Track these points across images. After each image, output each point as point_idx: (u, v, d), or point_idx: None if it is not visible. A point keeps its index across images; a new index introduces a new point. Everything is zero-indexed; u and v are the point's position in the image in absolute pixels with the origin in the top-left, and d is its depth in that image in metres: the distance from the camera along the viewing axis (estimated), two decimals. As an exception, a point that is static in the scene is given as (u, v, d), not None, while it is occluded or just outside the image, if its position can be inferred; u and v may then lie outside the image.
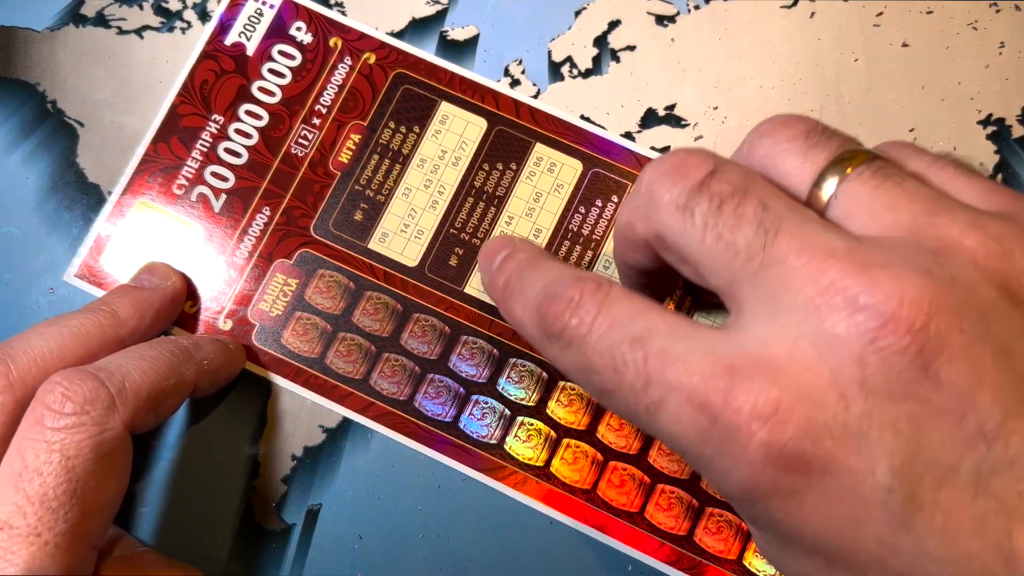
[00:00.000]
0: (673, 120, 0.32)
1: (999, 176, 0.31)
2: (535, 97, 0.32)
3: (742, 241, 0.17)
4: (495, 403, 0.30)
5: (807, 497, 0.16)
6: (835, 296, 0.16)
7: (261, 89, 0.32)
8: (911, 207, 0.17)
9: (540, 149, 0.31)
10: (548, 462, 0.29)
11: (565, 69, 0.32)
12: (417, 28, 0.32)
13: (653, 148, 0.31)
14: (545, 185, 0.31)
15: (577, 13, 0.33)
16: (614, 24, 0.33)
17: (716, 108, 0.32)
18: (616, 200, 0.31)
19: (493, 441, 0.30)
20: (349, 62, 0.32)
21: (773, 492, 0.16)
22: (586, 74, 0.32)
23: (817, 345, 0.16)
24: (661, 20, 0.33)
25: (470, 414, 0.30)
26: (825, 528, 0.16)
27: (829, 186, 0.18)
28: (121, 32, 0.32)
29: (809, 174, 0.19)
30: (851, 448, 0.15)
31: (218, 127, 0.31)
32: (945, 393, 0.15)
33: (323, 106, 0.31)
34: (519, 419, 0.30)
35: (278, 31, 0.32)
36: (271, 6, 0.32)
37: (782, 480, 0.16)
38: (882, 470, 0.15)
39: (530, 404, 0.30)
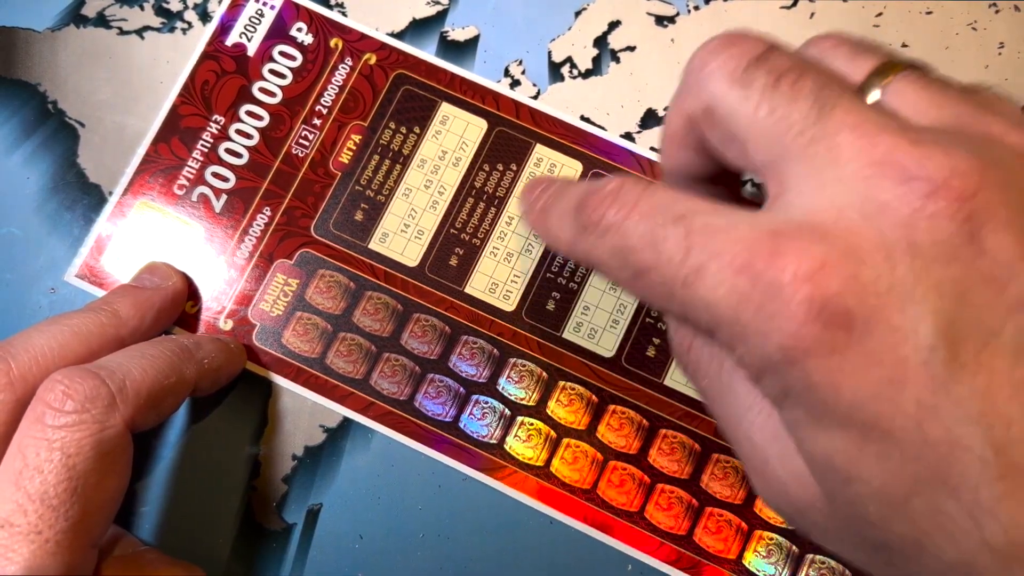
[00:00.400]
0: (673, 120, 0.32)
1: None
2: (535, 98, 0.32)
3: (797, 114, 0.17)
4: (495, 403, 0.30)
5: (848, 356, 0.16)
6: (886, 167, 0.16)
7: (262, 90, 0.32)
8: (956, 107, 0.18)
9: (540, 150, 0.31)
10: (548, 462, 0.30)
11: (565, 70, 0.32)
12: (417, 29, 0.33)
13: (653, 149, 0.31)
14: (545, 185, 0.31)
15: (577, 14, 0.33)
16: (614, 24, 0.33)
17: (716, 108, 0.32)
18: (616, 200, 0.31)
19: (493, 441, 0.30)
20: (350, 63, 0.32)
21: (815, 349, 0.16)
22: (586, 75, 0.32)
23: (865, 212, 0.16)
24: (661, 21, 0.33)
25: (470, 414, 0.30)
26: (864, 390, 0.16)
27: (876, 88, 0.18)
28: (122, 33, 0.32)
29: (857, 76, 0.19)
30: (896, 306, 0.15)
31: (219, 127, 0.31)
32: (990, 260, 0.15)
33: (324, 107, 0.32)
34: (519, 419, 0.30)
35: (279, 32, 0.32)
36: (272, 7, 0.32)
37: (824, 336, 0.16)
38: (926, 329, 0.15)
39: (530, 404, 0.30)
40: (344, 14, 0.32)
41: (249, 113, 0.31)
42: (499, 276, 0.31)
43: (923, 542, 0.16)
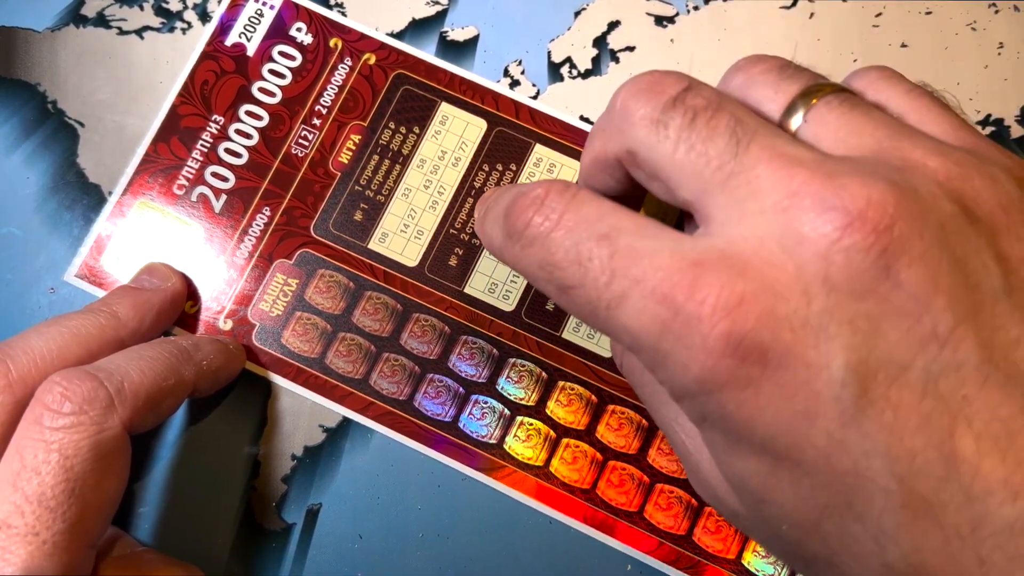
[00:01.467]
0: (672, 120, 0.32)
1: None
2: (534, 98, 0.32)
3: (713, 151, 0.18)
4: (495, 403, 0.30)
5: (762, 389, 0.16)
6: (804, 199, 0.16)
7: (261, 90, 0.32)
8: (876, 132, 0.18)
9: (539, 150, 0.31)
10: (548, 462, 0.30)
11: (565, 70, 0.32)
12: (417, 29, 0.33)
13: (652, 148, 0.31)
14: (545, 185, 0.31)
15: (577, 14, 0.33)
16: (614, 25, 0.33)
17: (715, 108, 0.32)
18: (615, 200, 0.31)
19: (493, 441, 0.30)
20: (349, 63, 0.32)
21: (729, 382, 0.16)
22: (585, 75, 0.32)
23: (783, 243, 0.16)
24: (660, 21, 0.33)
25: (470, 414, 0.30)
26: (777, 422, 0.16)
27: (798, 114, 0.19)
28: (122, 32, 0.32)
29: (780, 103, 0.19)
30: (809, 342, 0.16)
31: (218, 127, 0.31)
32: (903, 294, 0.16)
33: (323, 107, 0.32)
34: (519, 419, 0.30)
35: (278, 32, 0.32)
36: (271, 7, 0.32)
37: (739, 370, 0.16)
38: (837, 364, 0.16)
39: (530, 404, 0.30)
40: (344, 14, 0.32)
41: (249, 113, 0.31)
42: (499, 276, 0.31)
43: (834, 561, 0.17)
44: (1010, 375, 0.15)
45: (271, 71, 0.32)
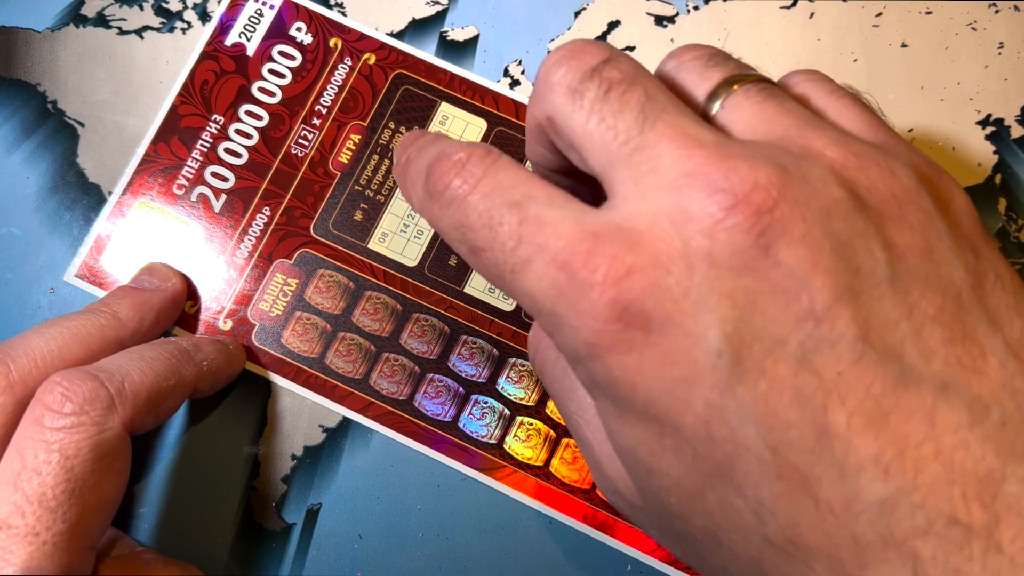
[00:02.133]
0: (672, 120, 0.32)
1: (998, 176, 0.31)
2: (535, 97, 0.32)
3: (622, 125, 0.18)
4: (495, 403, 0.30)
5: (644, 354, 0.17)
6: (697, 179, 0.17)
7: (261, 89, 0.32)
8: (785, 121, 0.19)
9: (540, 149, 0.31)
10: (547, 461, 0.30)
11: (565, 69, 0.32)
12: (417, 29, 0.33)
13: (652, 148, 0.31)
14: (545, 185, 0.31)
15: (577, 14, 0.33)
16: (614, 25, 0.33)
17: (715, 108, 0.32)
18: (615, 200, 0.31)
19: (493, 441, 0.30)
20: (349, 63, 0.32)
21: (614, 346, 0.17)
22: (586, 74, 0.32)
23: (674, 220, 0.17)
24: (660, 21, 0.33)
25: (470, 414, 0.30)
26: (659, 387, 0.17)
27: (718, 101, 0.20)
28: (121, 32, 0.32)
29: (703, 89, 0.20)
30: (689, 312, 0.16)
31: (218, 127, 0.31)
32: (782, 273, 0.16)
33: (323, 106, 0.32)
34: (519, 419, 0.30)
35: (278, 32, 0.32)
36: (271, 7, 0.32)
37: (623, 335, 0.17)
38: (714, 334, 0.16)
39: (529, 404, 0.30)
40: (343, 14, 0.32)
41: (248, 113, 0.31)
42: (498, 276, 0.31)
43: (719, 536, 0.18)
44: (885, 354, 0.16)
45: (271, 71, 0.32)
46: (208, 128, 0.31)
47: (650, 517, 0.20)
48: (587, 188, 0.23)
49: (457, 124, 0.32)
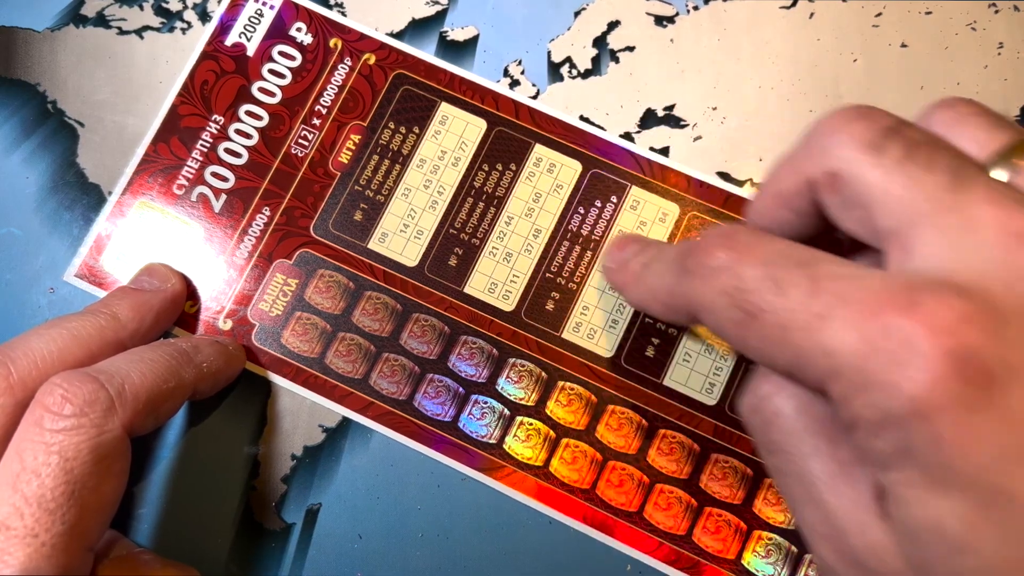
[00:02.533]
0: (672, 121, 0.32)
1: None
2: (534, 98, 0.32)
3: (932, 184, 0.17)
4: (494, 403, 0.30)
5: (984, 415, 0.15)
6: None
7: (261, 90, 0.32)
8: None
9: (539, 150, 0.31)
10: (547, 462, 0.30)
11: (564, 70, 0.32)
12: (417, 29, 0.33)
13: (652, 149, 0.31)
14: (544, 186, 0.31)
15: (576, 14, 0.33)
16: (613, 25, 0.33)
17: (715, 109, 0.32)
18: (615, 200, 0.31)
19: (492, 441, 0.30)
20: (349, 63, 0.32)
21: (950, 404, 0.15)
22: (585, 75, 0.32)
23: (1003, 277, 0.16)
24: (660, 21, 0.33)
25: (469, 414, 0.30)
26: (996, 452, 0.15)
27: (1002, 165, 0.18)
28: (121, 32, 0.32)
29: (992, 146, 0.19)
30: None
31: (218, 127, 0.31)
32: None
33: (323, 106, 0.32)
34: (518, 419, 0.30)
35: (278, 32, 0.32)
36: (271, 7, 0.32)
37: (962, 391, 0.15)
38: None
39: (529, 404, 0.30)
40: (343, 14, 0.32)
41: (248, 113, 0.31)
42: (498, 276, 0.31)
43: None
44: None
45: (271, 71, 0.32)
46: (208, 128, 0.31)
47: None
48: None
49: (457, 124, 0.32)
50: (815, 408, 0.20)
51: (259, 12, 0.32)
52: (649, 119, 0.32)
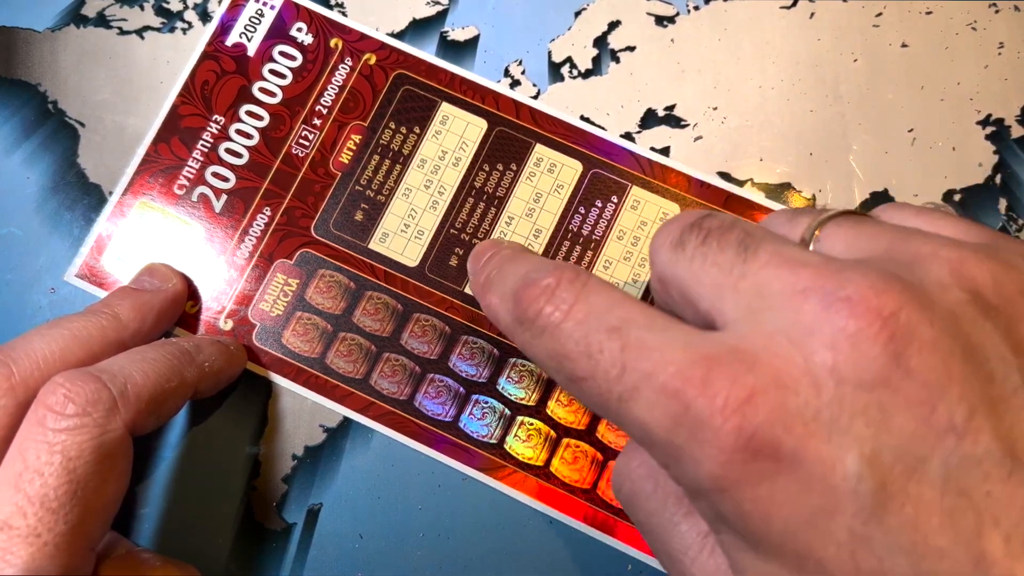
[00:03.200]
0: (673, 120, 0.32)
1: (998, 176, 0.31)
2: (535, 98, 0.32)
3: (723, 259, 0.18)
4: (495, 403, 0.30)
5: (777, 485, 0.16)
6: (810, 294, 0.16)
7: (262, 90, 0.32)
8: (885, 236, 0.18)
9: (540, 150, 0.31)
10: (548, 461, 0.30)
11: (565, 70, 0.32)
12: (417, 29, 0.33)
13: (653, 148, 0.31)
14: (545, 186, 0.31)
15: (577, 14, 0.33)
16: (614, 25, 0.33)
17: (716, 108, 0.32)
18: (616, 200, 0.31)
19: (493, 441, 0.30)
20: (350, 63, 0.32)
21: (743, 479, 0.16)
22: (586, 75, 0.32)
23: (792, 337, 0.16)
24: (661, 21, 0.33)
25: (470, 414, 0.30)
26: (795, 519, 0.16)
27: (812, 232, 0.19)
28: (122, 32, 0.32)
29: (797, 232, 0.20)
30: (822, 435, 0.15)
31: (219, 127, 0.31)
32: (915, 383, 0.15)
33: (324, 107, 0.32)
34: (519, 419, 0.30)
35: (279, 32, 0.32)
36: (272, 7, 0.32)
37: (752, 467, 0.16)
38: (852, 457, 0.15)
39: (530, 404, 0.30)
40: (344, 14, 0.32)
41: (249, 113, 0.31)
42: (499, 276, 0.31)
43: None
44: None
45: (271, 71, 0.32)
46: (209, 128, 0.31)
47: None
48: None
49: (457, 124, 0.32)
50: (669, 483, 0.20)
51: (260, 12, 0.32)
52: (650, 119, 0.32)
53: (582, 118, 0.32)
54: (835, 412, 0.15)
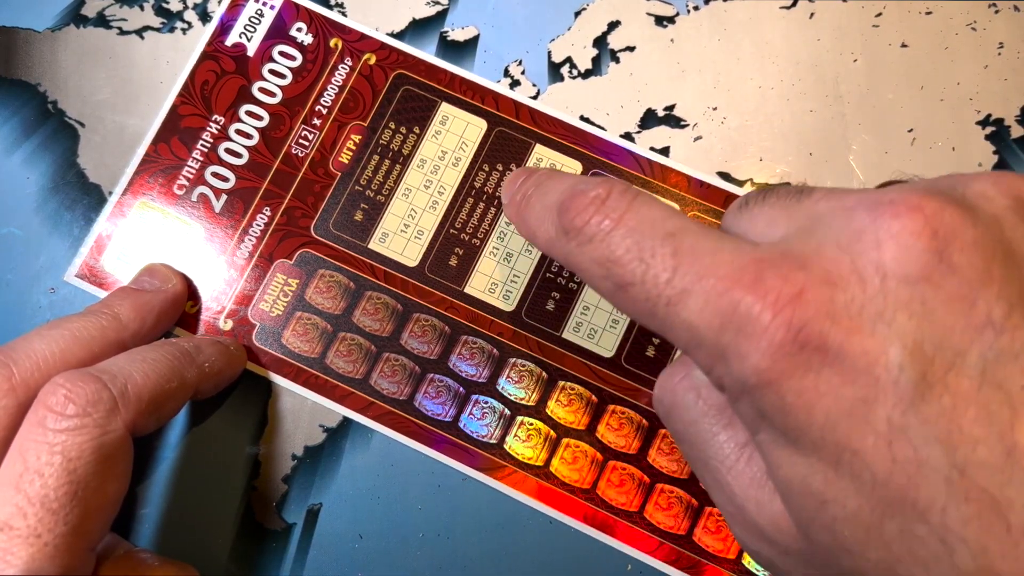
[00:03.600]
0: (672, 121, 0.32)
1: (998, 176, 0.31)
2: (535, 98, 0.32)
3: (781, 202, 0.20)
4: (495, 403, 0.30)
5: (821, 377, 0.16)
6: (858, 207, 0.17)
7: (262, 90, 0.32)
8: (930, 180, 0.19)
9: (540, 150, 0.31)
10: (548, 462, 0.30)
11: (565, 70, 0.32)
12: (417, 29, 0.33)
13: (652, 149, 0.31)
14: (545, 185, 0.31)
15: (577, 14, 0.33)
16: (614, 25, 0.33)
17: (715, 108, 0.32)
18: (616, 200, 0.31)
19: (493, 441, 0.30)
20: (349, 63, 0.32)
21: (789, 372, 0.16)
22: (586, 75, 0.32)
23: (840, 242, 0.17)
24: (660, 21, 0.33)
25: (470, 414, 0.30)
26: (836, 410, 0.16)
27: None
28: (122, 32, 0.32)
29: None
30: (866, 328, 0.16)
31: (219, 127, 0.31)
32: (956, 279, 0.16)
33: (323, 107, 0.32)
34: (519, 419, 0.30)
35: (279, 32, 0.32)
36: (272, 7, 0.32)
37: (799, 359, 0.16)
38: (895, 350, 0.16)
39: (530, 404, 0.30)
40: (344, 14, 0.32)
41: (249, 113, 0.31)
42: (499, 276, 0.31)
43: (897, 570, 0.16)
44: None
45: (271, 71, 0.32)
46: (208, 128, 0.31)
47: (813, 559, 0.19)
48: None
49: (457, 124, 0.32)
50: (711, 395, 0.21)
51: (259, 12, 0.32)
52: (649, 119, 0.32)
53: (582, 118, 0.32)
54: (880, 306, 0.16)
